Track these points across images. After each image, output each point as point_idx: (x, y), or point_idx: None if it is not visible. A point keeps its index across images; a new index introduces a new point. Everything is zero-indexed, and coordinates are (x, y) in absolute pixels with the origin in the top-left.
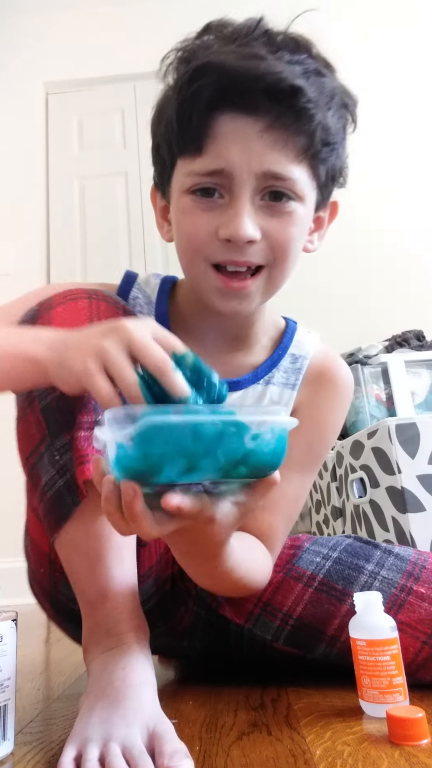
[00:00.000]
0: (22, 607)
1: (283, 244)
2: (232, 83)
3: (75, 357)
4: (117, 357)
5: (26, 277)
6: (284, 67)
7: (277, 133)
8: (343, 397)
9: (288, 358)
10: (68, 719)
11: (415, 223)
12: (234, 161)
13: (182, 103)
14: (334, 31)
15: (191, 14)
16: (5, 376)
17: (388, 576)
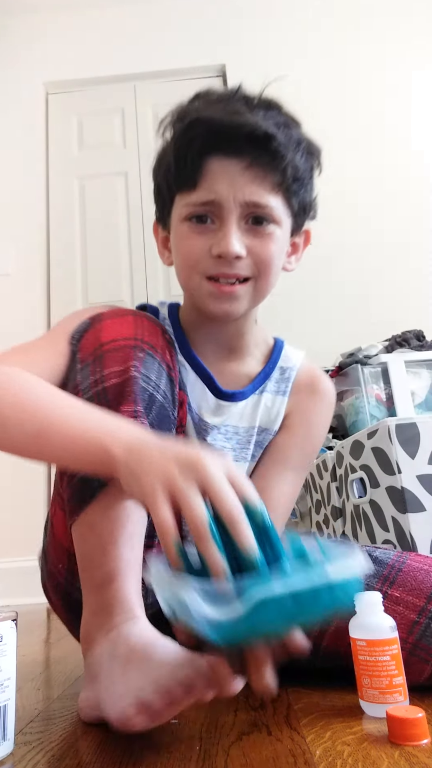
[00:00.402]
0: (22, 607)
1: (265, 260)
2: (219, 131)
3: (147, 474)
4: (187, 489)
5: (26, 277)
6: (259, 119)
7: (255, 171)
8: (328, 404)
9: (278, 371)
10: (68, 719)
11: (415, 223)
12: (222, 193)
13: (179, 149)
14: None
15: (191, 14)
16: (73, 457)
17: (365, 581)
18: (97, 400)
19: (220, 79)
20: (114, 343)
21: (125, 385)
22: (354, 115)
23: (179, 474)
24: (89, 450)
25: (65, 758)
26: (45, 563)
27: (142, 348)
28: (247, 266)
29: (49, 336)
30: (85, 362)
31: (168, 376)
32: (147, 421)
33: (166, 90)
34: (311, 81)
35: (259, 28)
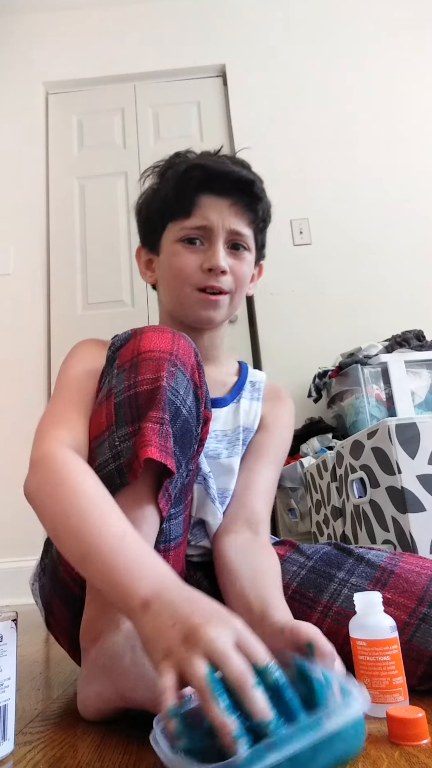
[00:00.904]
0: (22, 607)
1: (240, 277)
2: (212, 176)
3: (156, 648)
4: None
5: (26, 277)
6: (242, 170)
7: (237, 208)
8: (291, 410)
9: (249, 384)
10: (68, 719)
11: (415, 223)
12: (213, 221)
13: (178, 185)
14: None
15: (191, 14)
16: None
17: (357, 583)
18: (128, 403)
19: (220, 79)
20: (150, 354)
21: (155, 392)
22: (354, 114)
23: (183, 648)
24: (115, 595)
25: (65, 758)
26: (51, 579)
27: (175, 363)
28: (227, 281)
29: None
30: (122, 368)
31: (195, 393)
32: (171, 429)
33: (166, 90)
34: (311, 81)
35: (259, 28)
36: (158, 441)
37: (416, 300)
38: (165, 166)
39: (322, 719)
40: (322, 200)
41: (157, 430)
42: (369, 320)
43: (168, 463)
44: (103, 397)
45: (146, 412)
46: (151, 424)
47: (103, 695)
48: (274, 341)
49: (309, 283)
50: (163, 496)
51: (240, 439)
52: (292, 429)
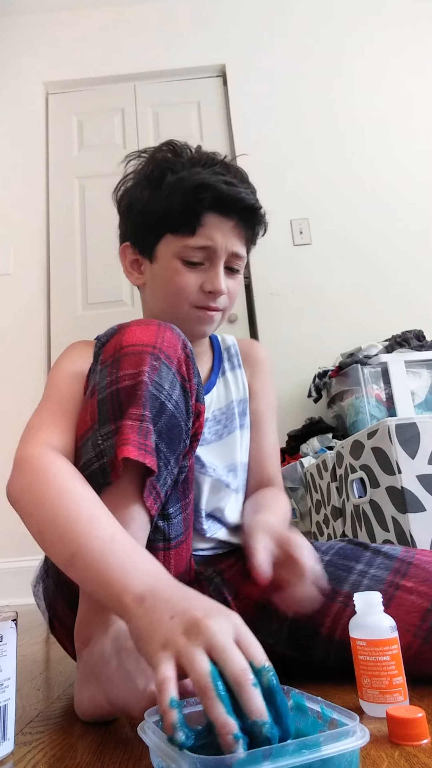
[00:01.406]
0: (22, 607)
1: (234, 297)
2: (222, 199)
3: (153, 639)
4: (193, 654)
5: (26, 277)
6: (251, 195)
7: (239, 229)
8: (266, 363)
9: (224, 354)
10: (68, 719)
11: (415, 223)
12: (217, 242)
13: (184, 202)
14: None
15: (191, 14)
16: (94, 590)
17: (377, 573)
18: (110, 400)
19: (220, 79)
20: (132, 348)
21: (136, 388)
22: (354, 114)
23: (184, 639)
24: (106, 593)
25: (65, 758)
26: (55, 581)
27: (158, 357)
28: (223, 301)
29: (59, 394)
30: (105, 363)
31: (182, 387)
32: (154, 427)
33: (166, 90)
34: (311, 81)
35: (259, 28)
36: (137, 439)
37: (416, 300)
38: (161, 163)
39: (321, 741)
40: (322, 200)
41: (136, 428)
42: (369, 320)
43: (147, 461)
44: (89, 394)
45: (127, 408)
46: (130, 422)
47: (95, 699)
48: (274, 341)
49: (309, 283)
50: (150, 494)
51: (236, 413)
52: (272, 380)
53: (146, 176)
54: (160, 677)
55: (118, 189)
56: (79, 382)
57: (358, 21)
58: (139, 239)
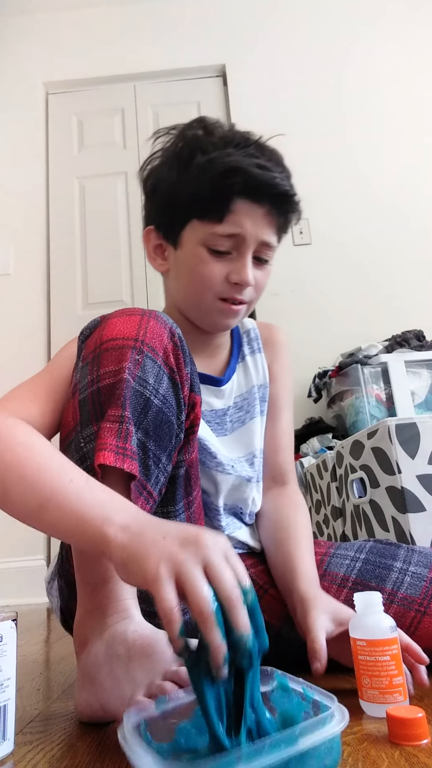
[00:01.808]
0: (22, 607)
1: (261, 288)
2: (254, 184)
3: (149, 557)
4: (193, 571)
5: (26, 277)
6: (285, 181)
7: (271, 217)
8: (287, 347)
9: (244, 337)
10: (68, 719)
11: (416, 223)
12: (247, 230)
13: (213, 185)
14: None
15: (191, 14)
16: (70, 535)
17: (417, 571)
18: (91, 400)
19: (220, 79)
20: (113, 342)
21: (116, 387)
22: (354, 114)
23: (184, 555)
24: (85, 530)
25: (65, 758)
26: (68, 583)
27: (141, 350)
28: (249, 292)
29: (47, 373)
30: (86, 360)
31: (170, 378)
32: (139, 426)
33: (166, 90)
34: (311, 81)
35: (259, 28)
36: (115, 443)
37: (416, 300)
38: (191, 142)
39: (297, 735)
40: (322, 200)
41: (115, 431)
42: (369, 320)
43: (125, 466)
44: (70, 394)
45: (106, 409)
46: (108, 424)
47: (90, 703)
48: None
49: (309, 283)
50: (140, 495)
51: (257, 398)
52: (291, 365)
53: (175, 155)
54: (163, 606)
55: (144, 168)
56: (67, 366)
57: (359, 21)
58: (164, 223)
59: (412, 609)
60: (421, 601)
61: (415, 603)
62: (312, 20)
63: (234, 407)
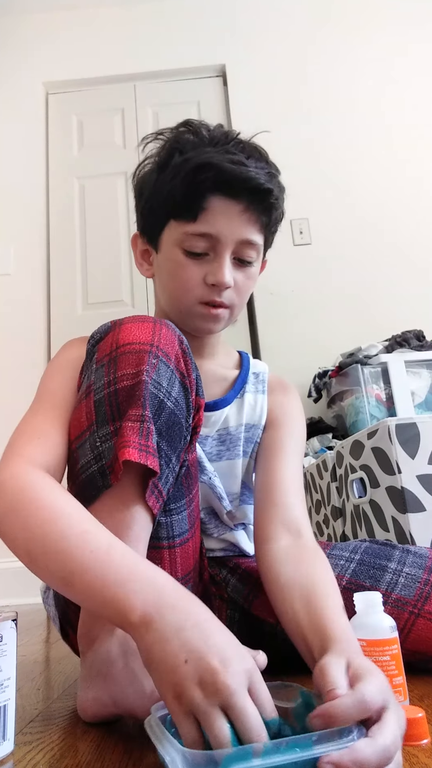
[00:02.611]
0: (22, 607)
1: (244, 292)
2: (226, 179)
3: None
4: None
5: (26, 277)
6: (261, 174)
7: (250, 213)
8: (298, 398)
9: (252, 377)
10: (68, 719)
11: (415, 223)
12: (220, 230)
13: (187, 185)
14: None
15: (191, 14)
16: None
17: (411, 572)
18: (108, 401)
19: (220, 79)
20: (130, 347)
21: (136, 388)
22: (354, 114)
23: (200, 694)
24: (109, 613)
25: (65, 758)
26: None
27: (157, 355)
28: (230, 296)
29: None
30: (101, 363)
31: (181, 383)
32: (154, 426)
33: (166, 90)
34: (311, 81)
35: (259, 28)
36: (138, 440)
37: (416, 300)
38: (172, 144)
39: (312, 742)
40: (322, 200)
41: (137, 429)
42: (369, 320)
43: (149, 462)
44: (83, 394)
45: (126, 409)
46: (130, 423)
47: (100, 700)
48: (274, 341)
49: (309, 283)
50: (152, 494)
51: (241, 438)
52: (303, 418)
53: (156, 158)
54: (185, 739)
55: (136, 174)
56: (72, 377)
57: (359, 20)
58: (147, 227)
59: (405, 610)
60: (415, 602)
61: (409, 604)
62: (312, 20)
63: (214, 438)
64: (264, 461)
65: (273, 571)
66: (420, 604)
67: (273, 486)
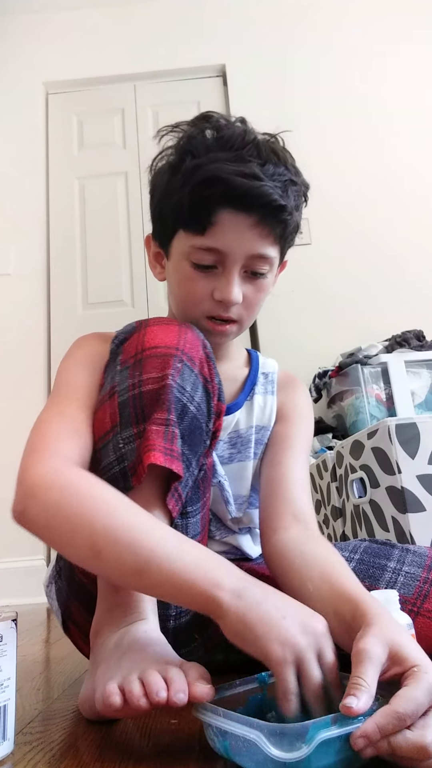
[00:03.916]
0: (22, 607)
1: (254, 305)
2: (237, 194)
3: (271, 638)
4: (313, 661)
5: (26, 277)
6: (274, 190)
7: (262, 227)
8: (308, 395)
9: (261, 377)
10: (68, 719)
11: (415, 223)
12: (229, 245)
13: (194, 197)
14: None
15: (191, 14)
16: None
17: (410, 571)
18: (132, 403)
19: (220, 79)
20: (156, 350)
21: (161, 392)
22: (354, 115)
23: (305, 644)
24: (193, 594)
25: (65, 758)
26: (68, 583)
27: (181, 359)
28: (238, 311)
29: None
30: (126, 364)
31: (204, 388)
32: (178, 429)
33: (166, 90)
34: (312, 81)
35: (259, 28)
36: (163, 444)
37: (416, 300)
38: (185, 144)
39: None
40: (322, 200)
41: (162, 433)
42: (369, 320)
43: (174, 467)
44: (107, 394)
45: (151, 413)
46: (155, 427)
47: (87, 691)
48: (274, 341)
49: (309, 283)
50: (172, 497)
51: (252, 440)
52: (312, 414)
53: (170, 157)
54: (285, 687)
55: (153, 166)
56: (94, 373)
57: (359, 20)
58: (158, 232)
59: (404, 609)
60: (414, 600)
61: (408, 603)
62: (312, 20)
63: (226, 441)
64: (272, 455)
65: (286, 558)
66: (419, 602)
67: (281, 480)
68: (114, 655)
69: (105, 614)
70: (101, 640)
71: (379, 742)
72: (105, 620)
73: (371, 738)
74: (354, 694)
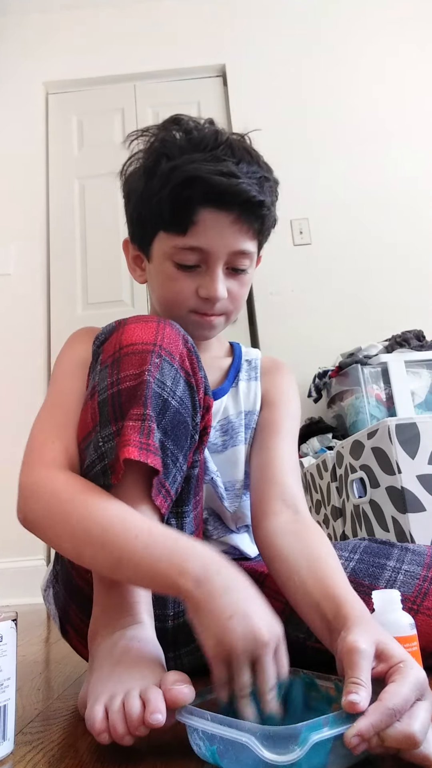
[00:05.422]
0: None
1: (238, 299)
2: (216, 193)
3: (213, 632)
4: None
5: (26, 277)
6: (252, 186)
7: (241, 224)
8: (292, 377)
9: (245, 365)
10: (68, 719)
11: (415, 223)
12: (212, 243)
13: (174, 198)
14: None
15: (191, 14)
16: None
17: (410, 569)
18: (111, 402)
19: (220, 79)
20: (133, 347)
21: (138, 388)
22: (354, 115)
23: (240, 646)
24: (161, 582)
25: (65, 758)
26: (66, 587)
27: (160, 354)
28: (224, 305)
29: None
30: (105, 364)
31: (186, 381)
32: (158, 425)
33: (166, 90)
34: (312, 80)
35: (259, 28)
36: (138, 439)
37: (416, 300)
38: (159, 147)
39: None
40: (322, 200)
41: (137, 428)
42: (369, 320)
43: (149, 461)
44: (89, 395)
45: (128, 409)
46: (131, 422)
47: (83, 695)
48: (274, 341)
49: (309, 283)
50: (158, 493)
51: (242, 424)
52: (297, 396)
53: (143, 161)
54: (216, 679)
55: (123, 172)
56: (82, 377)
57: (359, 20)
58: (137, 236)
59: (404, 607)
60: (414, 598)
61: (408, 601)
62: (312, 20)
63: (217, 429)
64: (260, 440)
65: (275, 546)
66: (419, 600)
67: (270, 464)
68: (106, 664)
69: (100, 616)
70: (97, 642)
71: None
72: (100, 622)
73: (366, 736)
74: (355, 691)
